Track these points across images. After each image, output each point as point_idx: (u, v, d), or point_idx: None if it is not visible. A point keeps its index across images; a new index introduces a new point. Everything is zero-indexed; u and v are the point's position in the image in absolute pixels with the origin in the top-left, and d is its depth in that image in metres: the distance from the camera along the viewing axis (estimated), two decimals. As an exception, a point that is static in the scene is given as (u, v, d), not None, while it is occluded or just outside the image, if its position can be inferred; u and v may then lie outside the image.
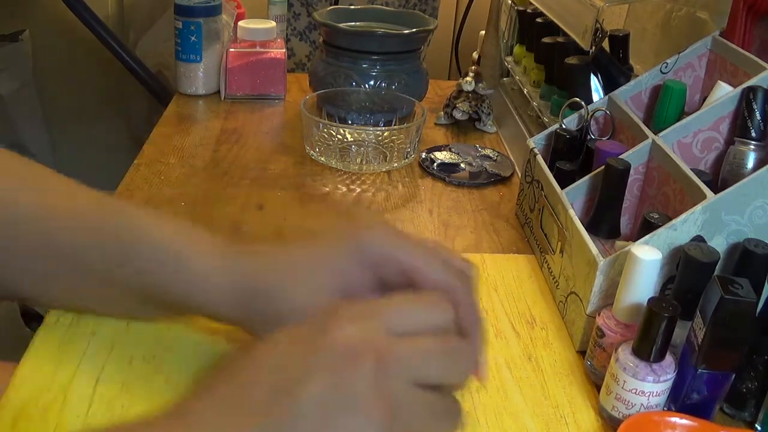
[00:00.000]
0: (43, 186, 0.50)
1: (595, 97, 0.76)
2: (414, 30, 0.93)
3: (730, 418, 0.49)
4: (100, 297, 0.50)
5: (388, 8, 1.04)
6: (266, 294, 0.44)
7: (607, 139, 0.68)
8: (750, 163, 0.55)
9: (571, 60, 0.78)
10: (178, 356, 0.50)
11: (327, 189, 0.80)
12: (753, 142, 0.56)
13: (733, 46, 0.63)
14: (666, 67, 0.68)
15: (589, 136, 0.70)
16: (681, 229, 0.50)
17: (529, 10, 0.98)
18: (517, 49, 1.05)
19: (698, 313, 0.45)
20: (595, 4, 0.70)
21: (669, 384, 0.46)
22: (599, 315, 0.51)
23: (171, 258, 0.46)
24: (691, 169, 0.55)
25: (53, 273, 0.48)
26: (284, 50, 1.03)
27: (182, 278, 0.46)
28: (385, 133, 0.87)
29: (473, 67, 0.99)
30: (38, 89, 1.60)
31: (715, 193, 0.50)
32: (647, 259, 0.47)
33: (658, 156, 0.60)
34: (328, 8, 0.99)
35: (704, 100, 0.62)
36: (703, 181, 0.52)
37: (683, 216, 0.50)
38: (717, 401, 0.47)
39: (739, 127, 0.57)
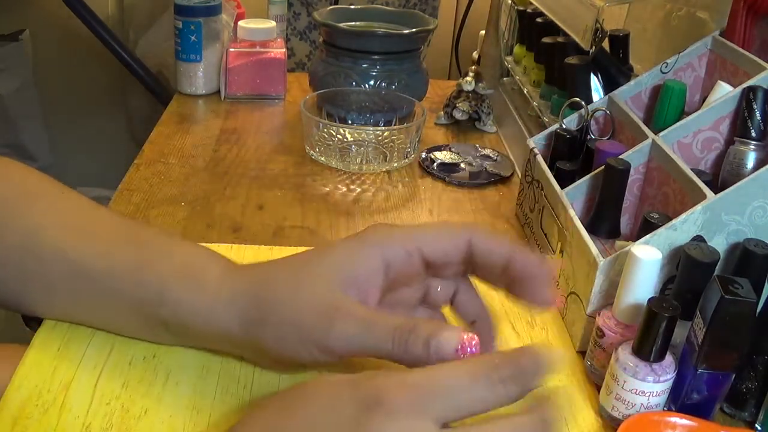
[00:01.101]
0: (61, 208, 0.50)
1: (595, 97, 0.76)
2: (414, 30, 0.93)
3: (730, 418, 0.49)
4: (129, 323, 0.49)
5: (388, 8, 1.04)
6: (269, 297, 0.43)
7: (607, 139, 0.68)
8: (750, 163, 0.55)
9: (571, 60, 0.78)
10: (178, 356, 0.50)
11: (327, 189, 0.80)
12: (753, 142, 0.56)
13: (733, 46, 0.63)
14: (666, 67, 0.68)
15: (589, 136, 0.70)
16: (681, 229, 0.50)
17: (529, 10, 0.98)
18: (517, 49, 1.05)
19: (698, 313, 0.45)
20: (595, 4, 0.70)
21: (669, 384, 0.46)
22: (599, 315, 0.51)
23: (182, 287, 0.46)
24: (691, 169, 0.55)
25: (83, 298, 0.49)
26: (284, 50, 1.03)
27: (195, 307, 0.45)
28: (385, 133, 0.87)
29: (473, 67, 0.99)
30: (38, 89, 1.60)
31: (715, 193, 0.50)
32: (647, 259, 0.47)
33: (658, 156, 0.60)
34: (328, 8, 0.99)
35: (704, 100, 0.62)
36: (703, 181, 0.52)
37: (683, 216, 0.50)
38: (717, 401, 0.47)
39: (739, 127, 0.57)
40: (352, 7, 1.04)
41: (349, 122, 0.93)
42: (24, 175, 0.53)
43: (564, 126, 0.70)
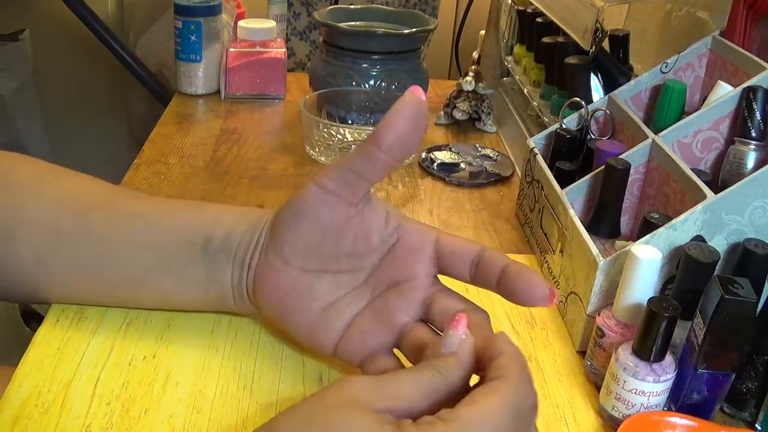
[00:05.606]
0: (85, 180, 0.54)
1: (595, 96, 0.76)
2: (414, 30, 0.93)
3: (730, 418, 0.49)
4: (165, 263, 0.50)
5: (388, 8, 1.04)
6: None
7: (607, 139, 0.68)
8: (750, 163, 0.55)
9: (571, 60, 0.78)
10: (178, 356, 0.50)
11: (327, 189, 0.80)
12: (753, 142, 0.56)
13: (733, 46, 0.63)
14: (666, 67, 0.68)
15: (589, 136, 0.70)
16: (681, 229, 0.50)
17: (529, 10, 0.98)
18: (517, 49, 1.05)
19: (698, 313, 0.45)
20: (595, 4, 0.70)
21: (669, 384, 0.46)
22: (599, 315, 0.51)
23: (239, 212, 0.50)
24: (691, 169, 0.55)
25: (116, 247, 0.50)
26: (284, 50, 1.03)
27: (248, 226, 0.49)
28: (385, 133, 0.87)
29: (473, 67, 0.99)
30: (38, 89, 1.60)
31: (715, 193, 0.50)
32: (647, 259, 0.47)
33: (658, 156, 0.60)
34: (328, 8, 0.99)
35: (704, 100, 0.62)
36: (703, 181, 0.52)
37: (683, 216, 0.50)
38: (717, 401, 0.47)
39: (739, 127, 0.57)
40: (352, 7, 1.04)
41: (349, 122, 0.93)
42: (37, 160, 0.55)
43: (564, 126, 0.70)
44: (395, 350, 0.46)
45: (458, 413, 0.32)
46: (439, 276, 0.46)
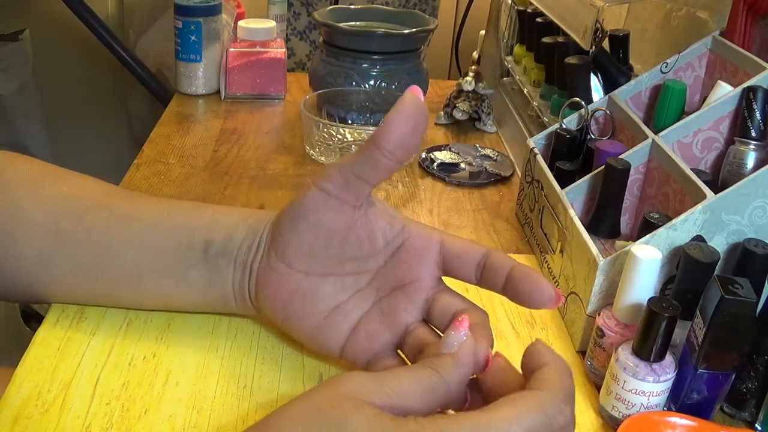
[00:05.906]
0: (89, 180, 0.54)
1: (595, 96, 0.76)
2: (414, 30, 0.93)
3: (730, 418, 0.49)
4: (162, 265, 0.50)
5: (388, 8, 1.04)
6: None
7: (607, 139, 0.68)
8: (750, 163, 0.55)
9: (571, 60, 0.78)
10: (178, 356, 0.50)
11: (327, 189, 0.80)
12: (753, 142, 0.56)
13: (733, 46, 0.63)
14: (666, 67, 0.68)
15: (589, 136, 0.70)
16: (681, 229, 0.50)
17: (529, 10, 0.98)
18: (517, 49, 1.05)
19: (698, 313, 0.45)
20: (595, 4, 0.70)
21: (669, 384, 0.46)
22: (599, 315, 0.51)
23: (237, 213, 0.50)
24: (691, 169, 0.55)
25: (117, 247, 0.50)
26: (284, 50, 1.03)
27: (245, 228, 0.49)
28: (385, 133, 0.87)
29: (473, 67, 0.99)
30: (38, 89, 1.60)
31: (715, 193, 0.50)
32: (647, 259, 0.47)
33: (658, 156, 0.60)
34: (328, 8, 0.99)
35: (704, 100, 0.62)
36: (703, 181, 0.52)
37: (683, 216, 0.50)
38: (717, 401, 0.47)
39: (739, 127, 0.57)
40: (352, 7, 1.04)
41: (349, 122, 0.93)
42: (36, 160, 0.55)
43: (564, 126, 0.70)
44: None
45: (471, 416, 0.32)
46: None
